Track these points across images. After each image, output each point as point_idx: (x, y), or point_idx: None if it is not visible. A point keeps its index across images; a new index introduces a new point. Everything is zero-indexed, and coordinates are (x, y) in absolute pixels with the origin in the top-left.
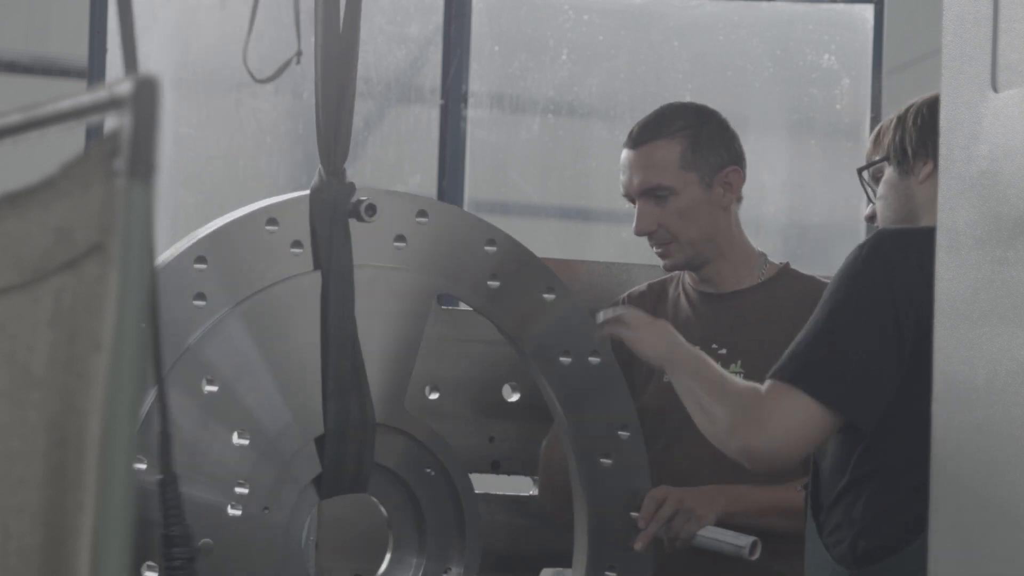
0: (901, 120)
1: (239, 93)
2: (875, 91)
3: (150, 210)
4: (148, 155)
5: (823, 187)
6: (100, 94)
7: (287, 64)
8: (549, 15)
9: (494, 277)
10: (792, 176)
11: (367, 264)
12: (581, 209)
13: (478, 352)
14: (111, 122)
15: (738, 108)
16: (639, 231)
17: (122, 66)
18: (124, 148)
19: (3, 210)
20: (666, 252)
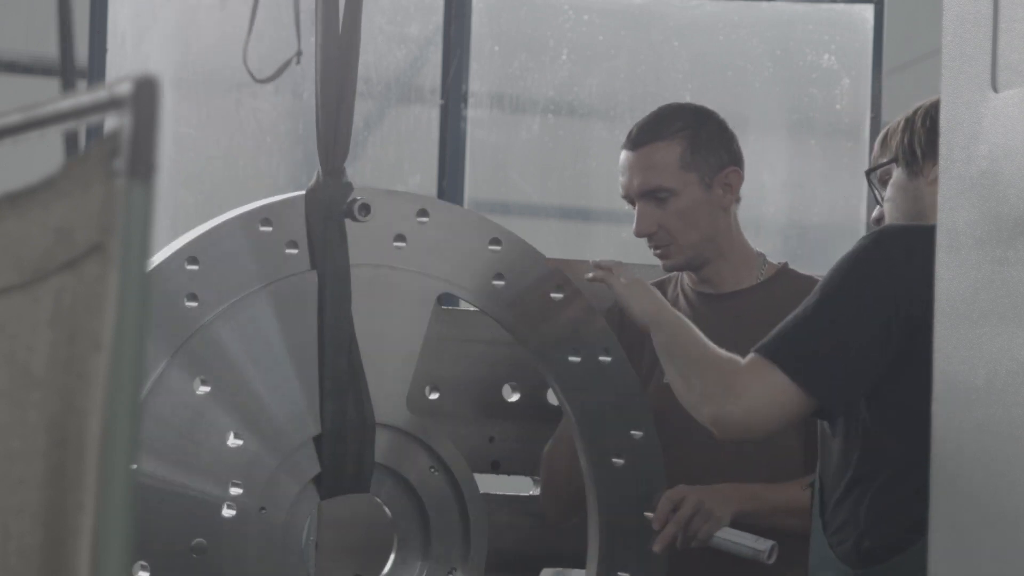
0: (909, 122)
1: (239, 93)
2: (875, 91)
3: (150, 210)
4: (148, 155)
5: (823, 187)
6: (100, 94)
7: (287, 64)
8: (549, 15)
9: (499, 277)
10: (792, 176)
11: (368, 264)
12: (581, 209)
13: (478, 352)
14: (111, 122)
15: (738, 108)
16: (639, 232)
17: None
18: (124, 148)
19: (3, 210)
20: (666, 253)
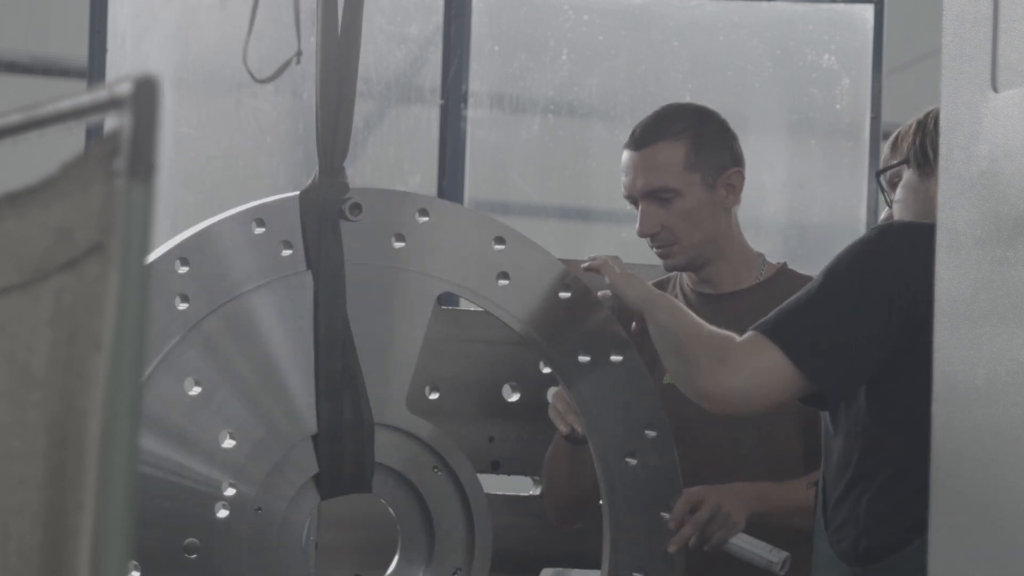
0: (921, 124)
1: (239, 93)
2: (875, 91)
3: (150, 210)
4: (148, 155)
5: (823, 187)
6: (100, 94)
7: (287, 64)
8: (549, 15)
9: (504, 276)
10: (792, 176)
11: (368, 263)
12: (581, 209)
13: (478, 352)
14: (111, 122)
15: (738, 108)
16: (643, 233)
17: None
18: (124, 148)
19: (3, 210)
20: (668, 253)
